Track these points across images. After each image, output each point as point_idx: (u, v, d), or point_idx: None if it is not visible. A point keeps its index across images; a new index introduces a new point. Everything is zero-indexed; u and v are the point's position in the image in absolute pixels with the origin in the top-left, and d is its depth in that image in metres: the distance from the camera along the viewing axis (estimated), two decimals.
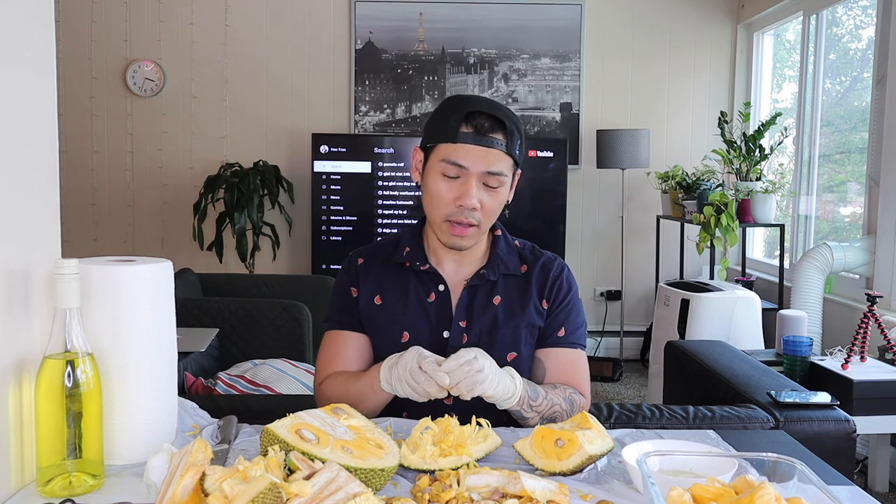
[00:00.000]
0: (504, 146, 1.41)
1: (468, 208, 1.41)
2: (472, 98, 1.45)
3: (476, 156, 1.40)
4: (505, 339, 1.48)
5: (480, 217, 1.43)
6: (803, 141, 4.35)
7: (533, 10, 4.99)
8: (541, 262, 1.55)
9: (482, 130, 1.40)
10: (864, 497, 1.11)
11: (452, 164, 1.40)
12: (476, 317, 1.49)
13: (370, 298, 1.51)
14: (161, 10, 4.95)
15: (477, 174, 1.40)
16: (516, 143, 1.42)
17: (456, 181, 1.42)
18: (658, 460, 1.02)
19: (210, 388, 2.60)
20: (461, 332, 1.48)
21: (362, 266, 1.55)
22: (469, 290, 1.50)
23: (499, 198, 1.44)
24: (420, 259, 1.51)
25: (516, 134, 1.42)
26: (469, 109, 1.41)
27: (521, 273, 1.54)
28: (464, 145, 1.40)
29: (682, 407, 1.87)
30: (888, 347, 2.85)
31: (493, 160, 1.40)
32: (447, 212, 1.43)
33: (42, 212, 1.14)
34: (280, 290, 3.85)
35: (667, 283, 3.94)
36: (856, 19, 4.24)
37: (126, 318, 1.13)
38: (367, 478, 1.04)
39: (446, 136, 1.41)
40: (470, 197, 1.40)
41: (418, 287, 1.51)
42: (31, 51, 1.12)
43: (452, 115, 1.42)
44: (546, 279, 1.54)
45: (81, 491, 1.05)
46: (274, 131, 5.06)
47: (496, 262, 1.51)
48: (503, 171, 1.42)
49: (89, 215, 5.05)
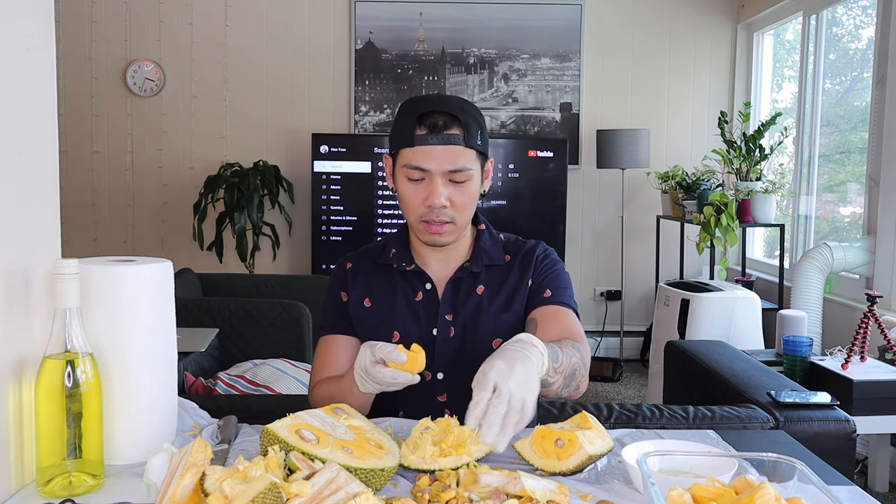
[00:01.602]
0: (462, 140, 1.40)
1: (437, 207, 1.41)
2: (424, 98, 1.45)
3: (435, 156, 1.39)
4: (489, 326, 1.48)
5: (453, 213, 1.43)
6: (803, 141, 4.35)
7: (533, 10, 4.99)
8: (524, 250, 1.56)
9: (437, 129, 1.39)
10: (864, 497, 1.11)
11: (414, 168, 1.41)
12: (460, 308, 1.49)
13: (360, 301, 1.53)
14: (161, 10, 4.95)
15: (440, 173, 1.40)
16: (475, 133, 1.42)
17: (422, 183, 1.42)
18: (658, 460, 1.02)
19: (210, 388, 2.60)
20: (448, 326, 1.48)
21: (351, 270, 1.56)
22: (453, 283, 1.51)
23: (469, 191, 1.44)
24: (406, 260, 1.52)
25: (473, 125, 1.41)
26: (421, 111, 1.40)
27: (504, 262, 1.54)
28: (422, 147, 1.40)
29: (682, 407, 1.87)
30: (888, 347, 2.85)
31: (454, 157, 1.40)
32: (419, 213, 1.44)
33: (42, 212, 1.14)
34: (280, 290, 3.85)
35: (667, 283, 3.94)
36: (856, 19, 4.24)
37: (126, 318, 1.13)
38: (367, 478, 1.04)
39: (404, 141, 1.41)
40: (437, 196, 1.40)
41: (406, 287, 1.52)
42: (31, 51, 1.12)
43: (407, 119, 1.41)
44: (530, 261, 1.54)
45: (81, 491, 1.05)
46: (274, 131, 5.06)
47: (479, 255, 1.52)
48: (466, 165, 1.41)
49: (89, 215, 5.05)
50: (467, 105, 1.45)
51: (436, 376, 1.48)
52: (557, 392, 1.32)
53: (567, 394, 1.36)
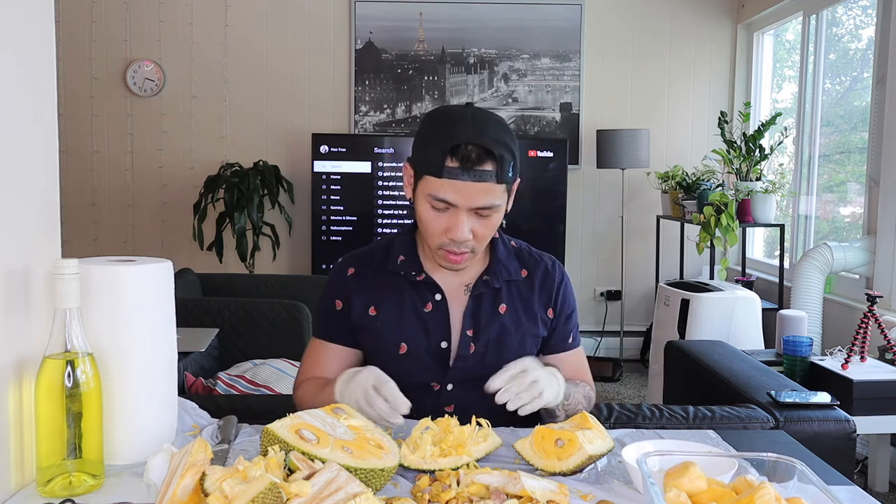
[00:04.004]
0: (494, 176, 1.32)
1: (459, 241, 1.36)
2: (458, 124, 1.32)
3: (465, 192, 1.32)
4: (512, 347, 1.45)
5: (474, 244, 1.38)
6: (803, 141, 4.35)
7: (533, 10, 4.99)
8: (542, 268, 1.52)
9: (468, 164, 1.30)
10: (864, 497, 1.11)
11: (440, 200, 1.33)
12: (483, 326, 1.46)
13: (364, 310, 1.47)
14: (161, 10, 4.95)
15: (466, 208, 1.34)
16: (508, 167, 1.33)
17: (445, 213, 1.35)
18: (658, 460, 1.02)
19: (210, 388, 2.60)
20: (468, 342, 1.45)
21: (353, 276, 1.50)
22: (474, 298, 1.47)
23: (492, 223, 1.38)
24: (415, 269, 1.46)
25: (507, 158, 1.33)
26: (454, 142, 1.30)
27: (522, 278, 1.50)
28: (451, 181, 1.31)
29: (682, 407, 1.87)
30: (888, 347, 2.85)
31: (482, 195, 1.32)
32: (439, 242, 1.38)
33: (42, 212, 1.14)
34: (280, 290, 3.85)
35: (667, 283, 3.94)
36: (856, 19, 4.24)
37: (126, 318, 1.13)
38: (367, 478, 1.04)
39: (432, 169, 1.32)
40: (460, 231, 1.34)
41: (414, 297, 1.46)
42: (31, 51, 1.12)
43: (437, 146, 1.32)
44: (551, 288, 1.51)
45: (81, 491, 1.05)
46: (274, 131, 5.06)
47: (498, 268, 1.47)
48: (494, 202, 1.34)
49: (89, 215, 5.05)
50: (503, 134, 1.34)
51: (445, 387, 1.46)
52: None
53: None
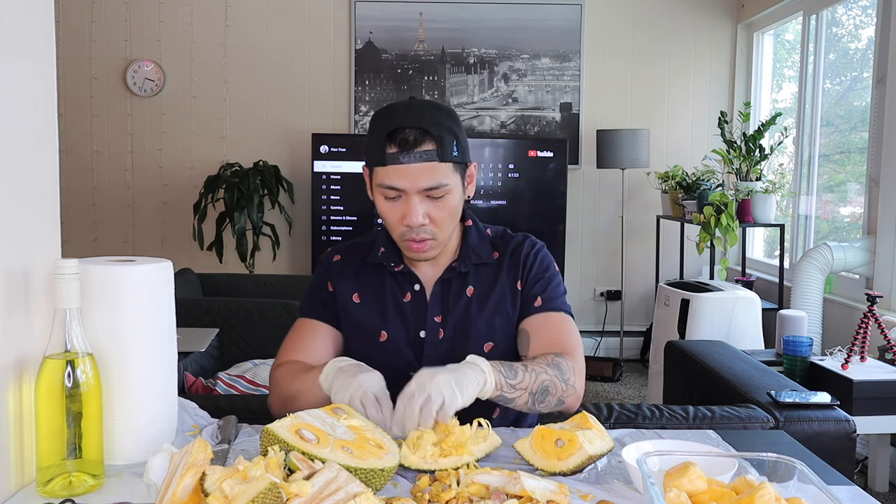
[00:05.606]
0: (436, 155, 1.33)
1: (416, 226, 1.37)
2: (393, 109, 1.38)
3: (409, 175, 1.34)
4: (479, 329, 1.46)
5: (433, 230, 1.39)
6: (803, 141, 4.35)
7: (533, 10, 4.99)
8: (511, 246, 1.52)
9: (407, 146, 1.33)
10: (864, 497, 1.11)
11: (388, 188, 1.36)
12: (450, 311, 1.47)
13: (348, 296, 1.50)
14: (161, 10, 4.95)
15: (416, 191, 1.35)
16: (450, 145, 1.35)
17: (398, 201, 1.38)
18: (658, 460, 1.02)
19: (210, 388, 2.60)
20: (437, 328, 1.46)
21: (338, 263, 1.54)
22: (442, 283, 1.48)
23: (448, 205, 1.39)
24: (395, 260, 1.49)
25: (447, 136, 1.35)
26: (390, 126, 1.34)
27: (493, 260, 1.51)
28: (393, 167, 1.34)
29: (682, 407, 1.87)
30: (888, 347, 2.85)
31: (428, 175, 1.34)
32: (399, 232, 1.40)
33: (42, 212, 1.14)
34: (280, 290, 3.85)
35: (667, 283, 3.94)
36: (856, 19, 4.24)
37: (126, 318, 1.13)
38: (367, 478, 1.04)
39: (376, 159, 1.37)
40: (414, 216, 1.36)
41: (394, 287, 1.49)
42: (31, 51, 1.12)
43: (377, 135, 1.36)
44: (518, 258, 1.51)
45: (81, 491, 1.05)
46: (274, 131, 5.06)
47: (467, 253, 1.49)
48: (442, 181, 1.35)
49: (89, 215, 5.05)
50: (439, 114, 1.37)
51: None
52: (530, 407, 1.34)
53: (547, 409, 1.37)
